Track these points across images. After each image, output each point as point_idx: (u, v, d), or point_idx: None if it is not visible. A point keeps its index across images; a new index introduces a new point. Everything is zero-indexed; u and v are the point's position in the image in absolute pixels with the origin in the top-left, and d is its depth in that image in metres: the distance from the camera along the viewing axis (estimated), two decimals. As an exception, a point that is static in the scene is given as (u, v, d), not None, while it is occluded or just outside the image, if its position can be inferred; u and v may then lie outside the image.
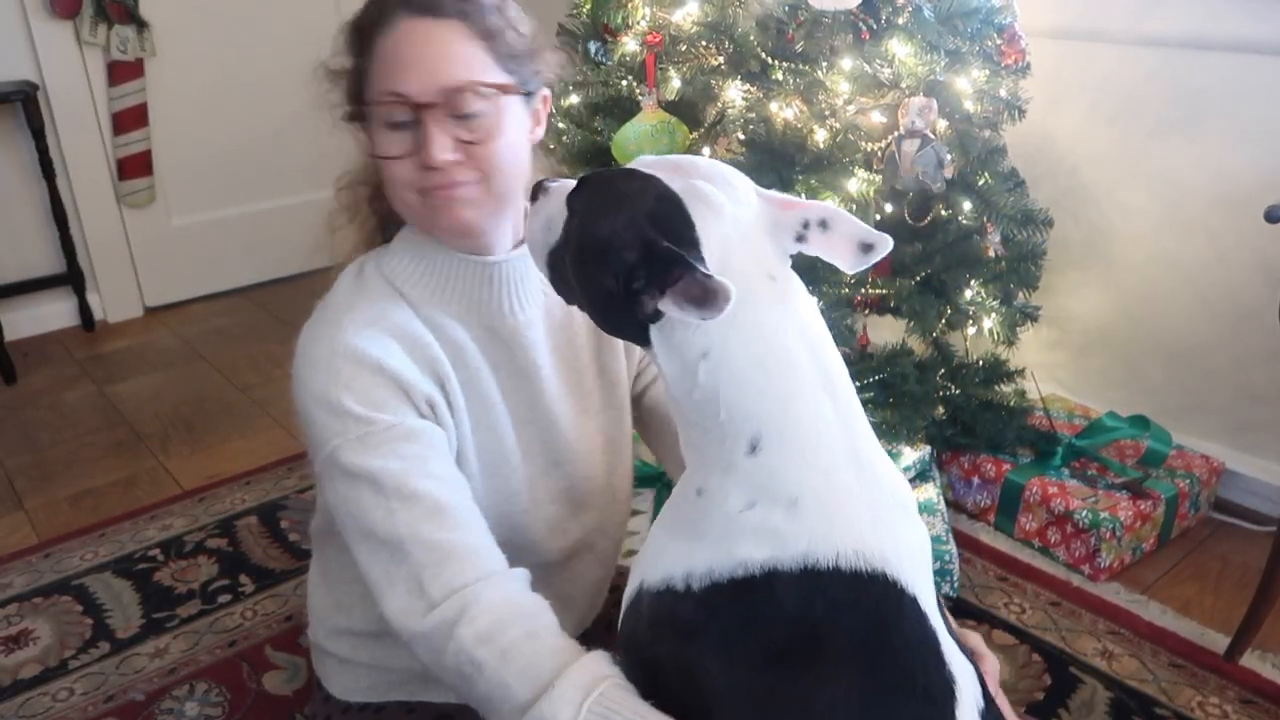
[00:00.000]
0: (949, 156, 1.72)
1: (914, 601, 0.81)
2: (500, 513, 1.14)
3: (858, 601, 0.79)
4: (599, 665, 0.90)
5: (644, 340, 0.88)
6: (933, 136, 1.70)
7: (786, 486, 0.81)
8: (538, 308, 1.15)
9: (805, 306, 0.86)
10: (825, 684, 0.79)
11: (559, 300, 1.15)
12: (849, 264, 0.88)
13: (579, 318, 1.19)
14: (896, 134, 1.71)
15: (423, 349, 1.06)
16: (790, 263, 0.89)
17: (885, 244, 0.86)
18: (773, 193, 0.91)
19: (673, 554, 0.86)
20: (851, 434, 0.84)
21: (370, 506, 0.98)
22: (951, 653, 0.83)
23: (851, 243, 0.87)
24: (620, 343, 1.22)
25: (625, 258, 0.83)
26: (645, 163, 0.91)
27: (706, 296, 0.77)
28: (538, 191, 0.98)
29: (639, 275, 0.82)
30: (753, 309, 0.83)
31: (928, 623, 0.82)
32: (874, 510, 0.83)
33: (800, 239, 0.87)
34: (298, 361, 1.05)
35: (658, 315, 0.83)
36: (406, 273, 1.10)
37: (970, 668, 0.85)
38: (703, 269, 0.78)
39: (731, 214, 0.85)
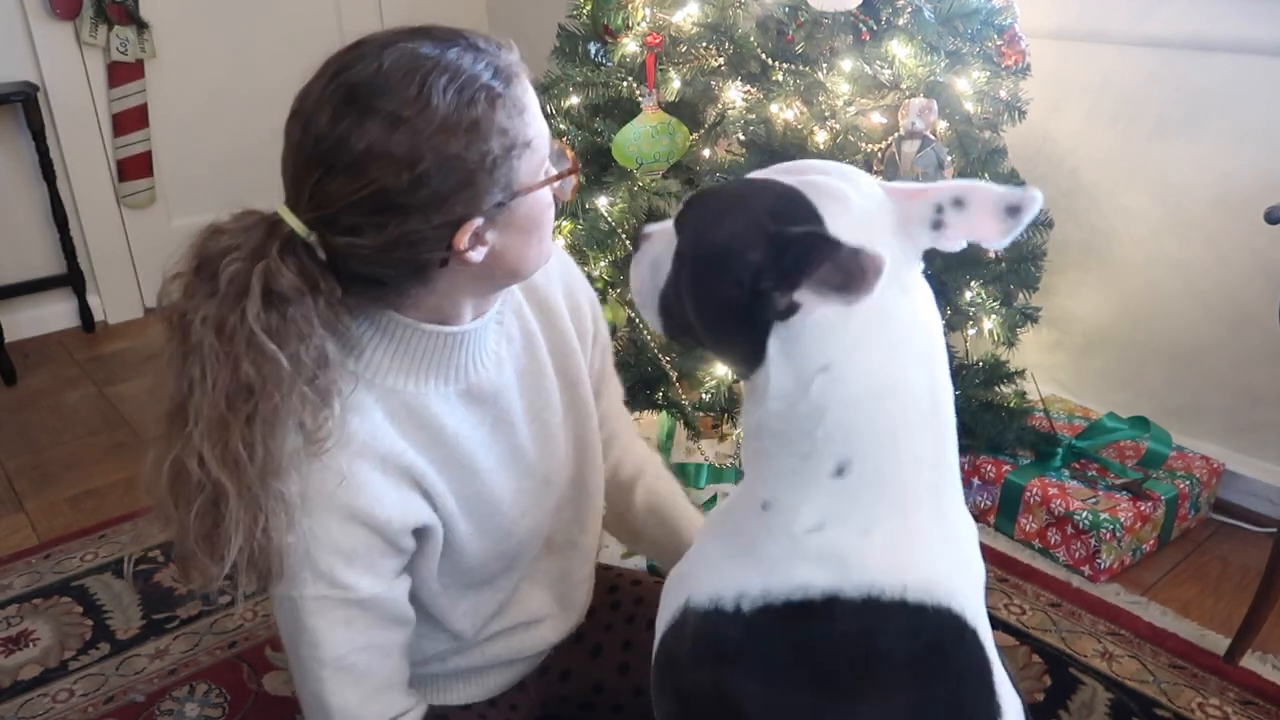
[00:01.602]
0: (949, 157, 1.72)
1: (975, 634, 0.81)
2: (498, 553, 1.13)
3: (919, 631, 0.78)
4: None
5: (758, 358, 0.80)
6: (933, 137, 1.70)
7: (862, 516, 0.78)
8: (500, 344, 1.09)
9: (931, 324, 0.80)
10: (874, 701, 0.78)
11: (517, 325, 1.12)
12: (996, 236, 0.77)
13: (538, 334, 1.15)
14: (896, 135, 1.71)
15: (394, 460, 0.98)
16: (922, 265, 0.81)
17: (1034, 201, 0.75)
18: (898, 184, 0.83)
19: (725, 573, 0.83)
20: (939, 472, 0.80)
21: (307, 661, 1.01)
22: (1002, 684, 0.83)
23: (994, 212, 0.76)
24: (576, 343, 1.19)
25: (750, 259, 0.76)
26: (754, 175, 0.85)
27: (852, 277, 0.70)
28: (640, 241, 0.93)
29: (767, 276, 0.75)
30: (882, 328, 0.76)
31: (984, 653, 0.82)
32: (945, 547, 0.80)
33: (937, 226, 0.78)
34: None
35: (793, 309, 0.75)
36: (379, 360, 0.99)
37: (1018, 702, 0.85)
38: (847, 243, 0.71)
39: (860, 208, 0.78)
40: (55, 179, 2.99)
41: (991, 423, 2.09)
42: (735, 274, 0.77)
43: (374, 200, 0.86)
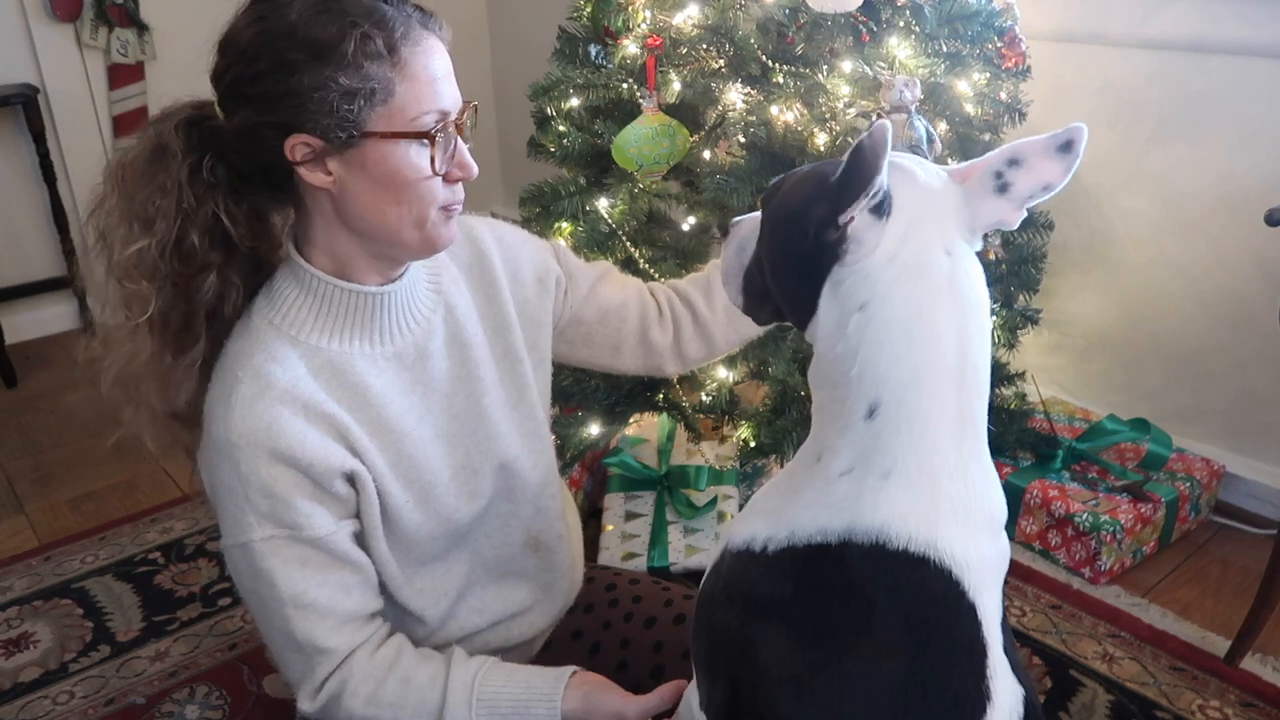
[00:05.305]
0: (935, 133, 1.69)
1: (971, 608, 0.82)
2: (447, 533, 1.14)
3: (918, 589, 0.80)
4: (465, 665, 1.08)
5: (814, 304, 0.87)
6: (915, 112, 1.66)
7: (884, 458, 0.82)
8: (433, 311, 1.12)
9: (969, 292, 0.85)
10: (866, 665, 0.80)
11: (455, 298, 1.14)
12: (1060, 175, 0.83)
13: (474, 310, 1.16)
14: (881, 109, 1.68)
15: (316, 408, 1.02)
16: (978, 241, 0.87)
17: (1080, 133, 0.81)
18: (956, 166, 0.90)
19: (761, 517, 0.88)
20: (962, 433, 0.84)
21: (268, 601, 1.04)
22: (998, 669, 0.83)
23: (1050, 154, 0.82)
24: (515, 320, 1.20)
25: (815, 212, 0.83)
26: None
27: (864, 159, 0.76)
28: (730, 228, 1.00)
29: (829, 224, 0.82)
30: (918, 277, 0.83)
31: (980, 631, 0.82)
32: (955, 510, 0.82)
33: (1002, 189, 0.84)
34: (203, 441, 1.02)
35: (842, 239, 0.82)
36: (301, 316, 1.04)
37: (1018, 691, 0.85)
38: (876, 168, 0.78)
39: (924, 182, 0.86)
40: (55, 181, 2.99)
41: (992, 425, 2.08)
42: (802, 225, 0.84)
43: (232, 85, 0.98)
